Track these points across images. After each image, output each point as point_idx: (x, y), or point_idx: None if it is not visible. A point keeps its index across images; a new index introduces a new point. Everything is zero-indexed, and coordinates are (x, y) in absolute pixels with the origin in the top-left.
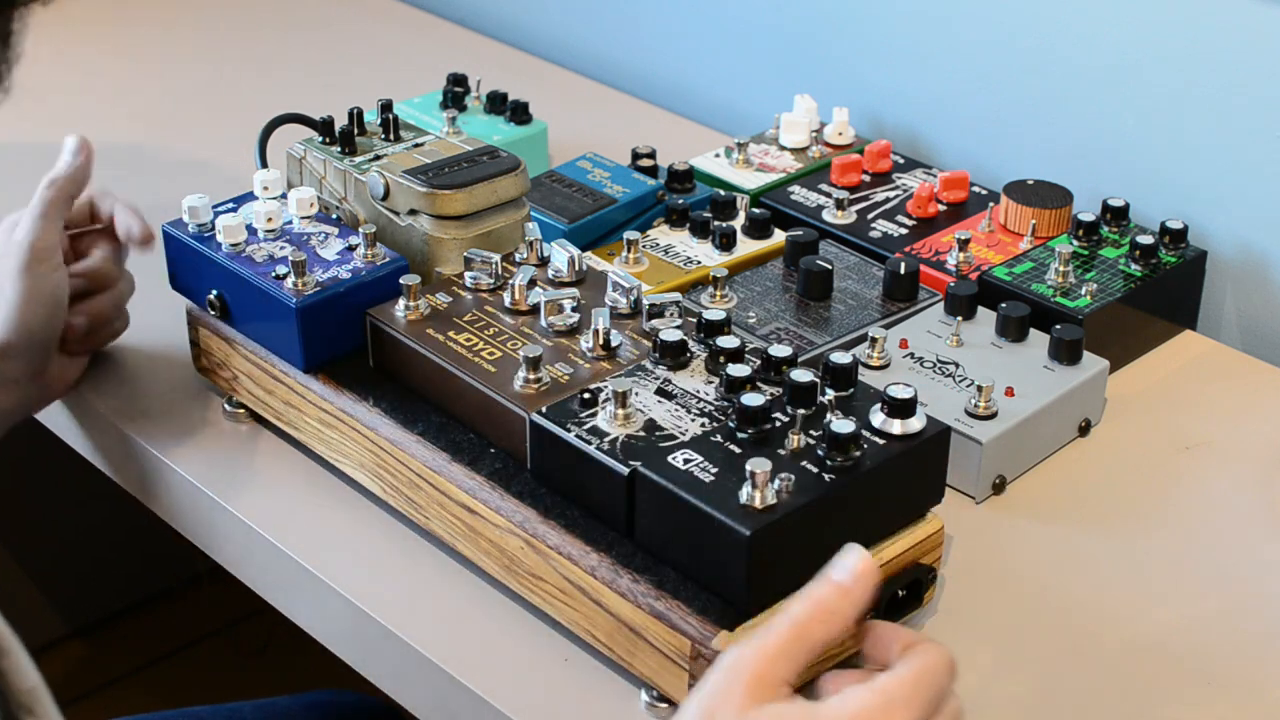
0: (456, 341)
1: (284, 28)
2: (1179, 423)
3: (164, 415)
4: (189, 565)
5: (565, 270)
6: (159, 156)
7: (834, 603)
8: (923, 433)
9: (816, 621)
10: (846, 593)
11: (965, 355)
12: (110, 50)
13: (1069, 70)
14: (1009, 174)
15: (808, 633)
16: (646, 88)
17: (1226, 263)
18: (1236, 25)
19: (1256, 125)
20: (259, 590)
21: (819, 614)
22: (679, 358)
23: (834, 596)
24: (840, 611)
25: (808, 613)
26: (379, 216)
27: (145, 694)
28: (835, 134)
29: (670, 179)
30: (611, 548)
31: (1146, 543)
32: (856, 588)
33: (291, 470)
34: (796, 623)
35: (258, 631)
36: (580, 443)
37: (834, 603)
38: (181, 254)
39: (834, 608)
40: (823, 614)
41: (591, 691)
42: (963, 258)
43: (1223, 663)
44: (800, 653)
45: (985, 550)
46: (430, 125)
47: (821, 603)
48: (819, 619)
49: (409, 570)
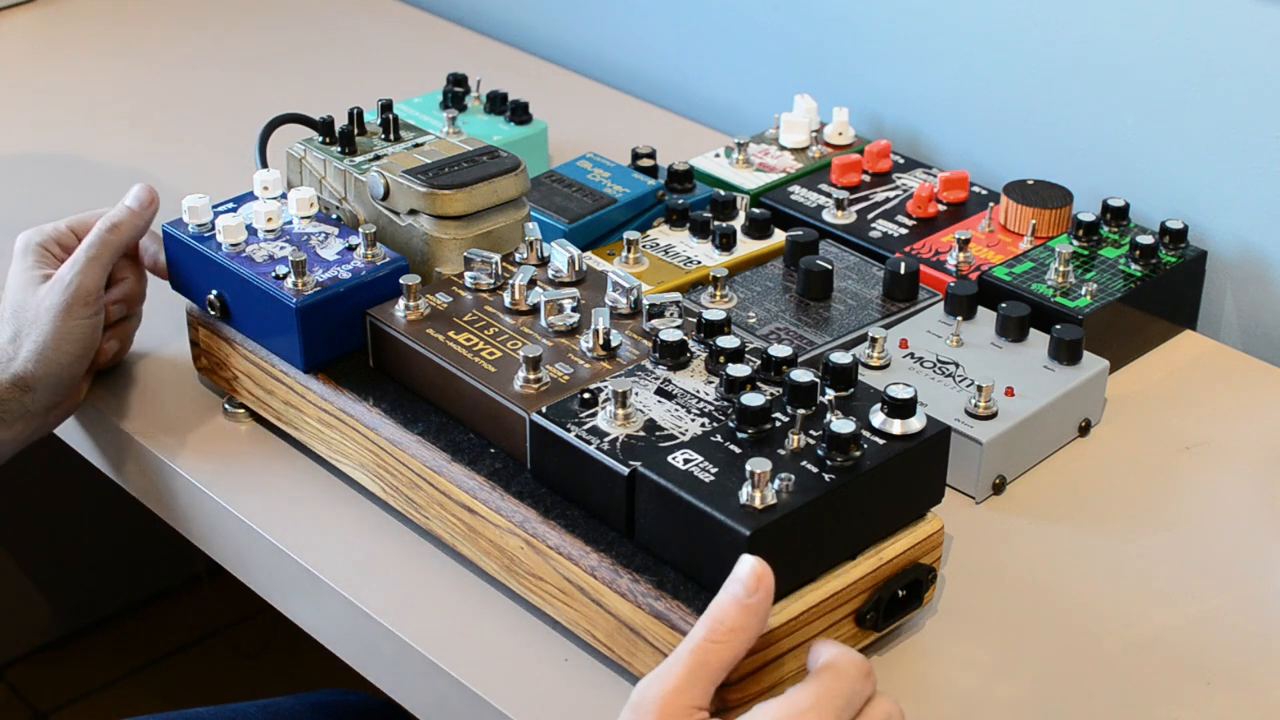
0: (456, 341)
1: (284, 28)
2: (1179, 423)
3: (164, 415)
4: (189, 565)
5: (565, 270)
6: (159, 156)
7: (734, 620)
8: (923, 433)
9: (717, 643)
10: (746, 607)
11: (965, 355)
12: (110, 50)
13: (1069, 70)
14: (1009, 174)
15: (710, 657)
16: (646, 88)
17: (1226, 263)
18: (1237, 25)
19: (1256, 125)
20: (259, 590)
21: (719, 635)
22: (679, 358)
23: (733, 613)
24: (742, 627)
25: (707, 636)
26: (379, 216)
27: (145, 694)
28: (835, 134)
29: (670, 179)
30: (611, 548)
31: (1146, 543)
32: (754, 598)
33: (291, 470)
34: (696, 649)
35: (258, 631)
36: (580, 443)
37: (734, 620)
38: (181, 254)
39: (734, 625)
40: (723, 634)
41: (591, 691)
42: (963, 258)
43: (1223, 663)
44: (704, 677)
45: (985, 550)
46: (430, 125)
47: (720, 622)
48: (720, 640)
49: (409, 570)
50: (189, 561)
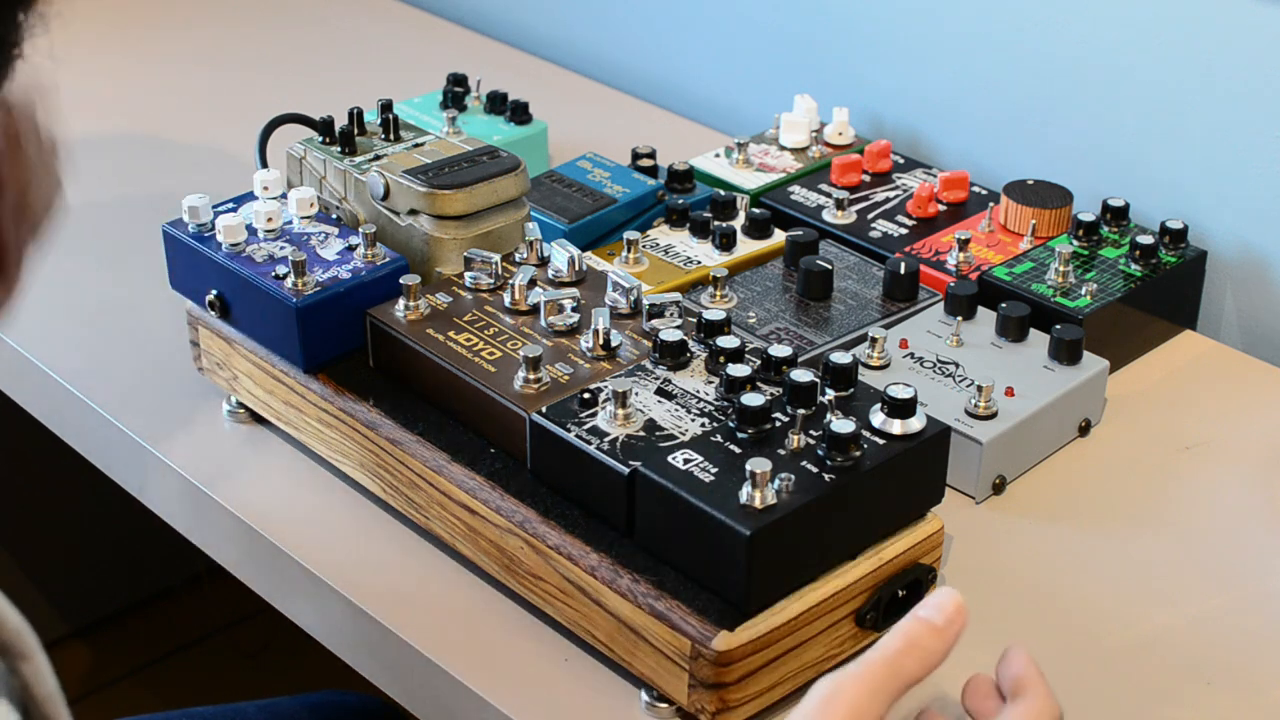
0: (456, 341)
1: (284, 28)
2: (1179, 423)
3: (164, 415)
4: (189, 565)
5: (565, 270)
6: (159, 156)
7: (926, 640)
8: (923, 433)
9: (909, 657)
10: (938, 631)
11: (965, 355)
12: (110, 50)
13: (1068, 70)
14: (1009, 174)
15: (901, 669)
16: (646, 88)
17: (1226, 263)
18: (1237, 25)
19: (1257, 125)
20: (259, 590)
21: (912, 650)
22: (679, 358)
23: (926, 634)
24: (931, 649)
25: (901, 648)
26: (379, 216)
27: (145, 694)
28: (835, 134)
29: (670, 179)
30: (611, 548)
31: (1146, 543)
32: (949, 627)
33: (291, 470)
34: (890, 658)
35: (258, 631)
36: (580, 443)
37: (926, 640)
38: (181, 254)
39: (926, 645)
40: (916, 651)
41: (591, 691)
42: (963, 258)
43: (1223, 663)
44: (893, 689)
45: (985, 550)
46: (430, 125)
47: (914, 640)
48: (912, 655)
49: (409, 570)
50: (189, 561)
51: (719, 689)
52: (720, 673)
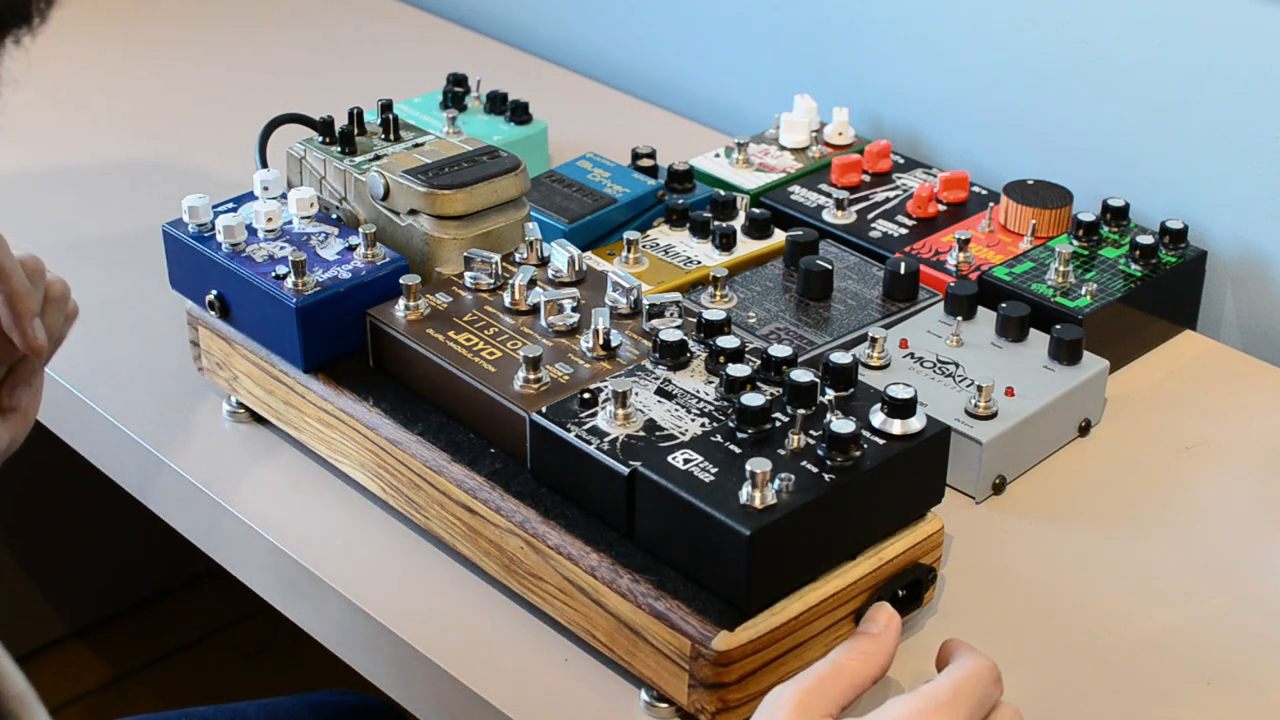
0: (456, 341)
1: (284, 28)
2: (1179, 423)
3: (164, 415)
4: (189, 565)
5: (565, 270)
6: (159, 157)
7: (864, 644)
8: (923, 433)
9: (850, 658)
10: (874, 637)
11: (965, 355)
12: (110, 50)
13: (1069, 70)
14: (1009, 174)
15: (845, 668)
16: (646, 88)
17: (1226, 263)
18: (1236, 25)
19: (1256, 125)
20: (259, 590)
21: (852, 653)
22: (679, 358)
23: (864, 640)
24: (870, 651)
25: (842, 651)
26: (379, 216)
27: (145, 694)
28: (835, 134)
29: (670, 179)
30: (611, 548)
31: (1146, 543)
32: (885, 633)
33: (291, 470)
34: (833, 658)
35: (258, 631)
36: (580, 443)
37: (864, 644)
38: (181, 254)
39: (865, 649)
40: (856, 654)
41: (591, 691)
42: (963, 258)
43: (1223, 663)
44: (838, 685)
45: (985, 550)
46: (430, 125)
47: (854, 645)
48: (853, 657)
49: (409, 570)
50: (189, 561)
51: (719, 689)
52: (720, 673)
